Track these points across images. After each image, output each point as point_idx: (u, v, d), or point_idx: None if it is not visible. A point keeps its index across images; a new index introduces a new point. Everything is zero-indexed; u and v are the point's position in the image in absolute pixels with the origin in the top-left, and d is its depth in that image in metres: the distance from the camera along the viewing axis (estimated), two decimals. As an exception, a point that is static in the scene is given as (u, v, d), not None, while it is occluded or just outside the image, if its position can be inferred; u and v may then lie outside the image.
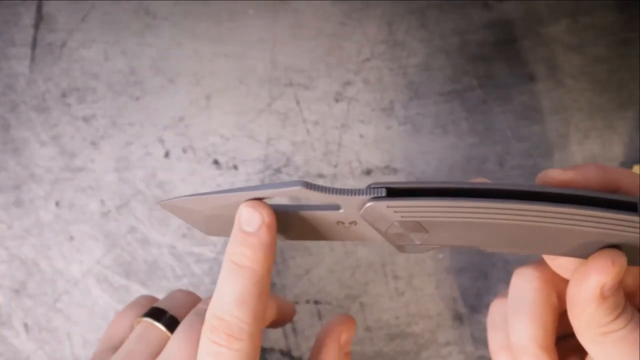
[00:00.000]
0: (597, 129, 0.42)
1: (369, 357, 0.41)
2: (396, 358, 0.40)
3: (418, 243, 0.26)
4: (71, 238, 0.41)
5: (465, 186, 0.24)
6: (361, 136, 0.42)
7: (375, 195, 0.24)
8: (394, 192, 0.24)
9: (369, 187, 0.25)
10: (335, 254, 0.41)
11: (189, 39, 0.43)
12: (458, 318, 0.40)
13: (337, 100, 0.43)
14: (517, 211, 0.24)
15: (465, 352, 0.40)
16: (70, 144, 0.42)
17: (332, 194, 0.25)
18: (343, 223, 0.26)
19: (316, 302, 0.41)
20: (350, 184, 0.42)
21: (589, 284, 0.24)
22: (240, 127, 0.42)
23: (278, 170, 0.42)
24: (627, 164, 0.41)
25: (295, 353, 0.41)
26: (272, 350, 0.41)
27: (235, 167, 0.42)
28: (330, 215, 0.26)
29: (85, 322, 0.40)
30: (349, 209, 0.25)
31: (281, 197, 0.29)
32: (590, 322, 0.25)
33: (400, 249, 0.27)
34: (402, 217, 0.24)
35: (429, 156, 0.42)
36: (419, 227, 0.25)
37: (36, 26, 0.43)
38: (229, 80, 0.43)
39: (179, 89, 0.43)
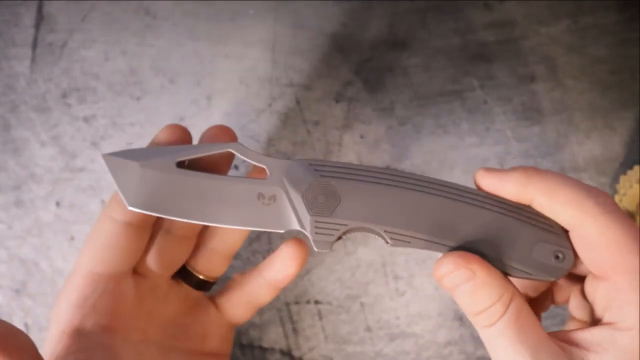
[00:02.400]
0: (598, 129, 0.42)
1: (370, 357, 0.41)
2: (397, 358, 0.40)
3: (328, 215, 0.28)
4: (71, 238, 0.41)
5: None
6: (362, 136, 0.42)
7: (300, 158, 0.29)
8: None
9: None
10: (335, 254, 0.41)
11: (190, 39, 0.43)
12: (458, 318, 0.40)
13: (337, 101, 0.43)
14: (421, 182, 0.27)
15: (465, 352, 0.40)
16: (71, 144, 0.42)
17: (263, 156, 0.29)
18: (263, 197, 0.28)
19: (316, 302, 0.41)
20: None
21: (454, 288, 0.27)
22: (241, 127, 0.42)
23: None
24: (627, 164, 0.41)
25: (295, 353, 0.41)
26: (272, 350, 0.41)
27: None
28: (253, 186, 0.28)
29: (85, 323, 0.40)
30: (275, 174, 0.28)
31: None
32: (474, 317, 0.27)
33: (315, 240, 0.28)
34: (320, 175, 0.28)
35: (429, 156, 0.42)
36: (334, 194, 0.28)
37: (36, 26, 0.43)
38: (229, 80, 0.43)
39: (179, 89, 0.43)
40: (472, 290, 0.26)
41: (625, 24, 0.42)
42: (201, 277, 0.34)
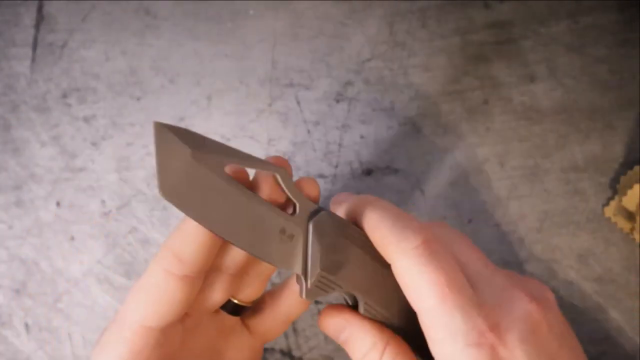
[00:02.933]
0: (598, 130, 0.42)
1: (370, 357, 0.41)
2: (397, 358, 0.40)
3: (333, 274, 0.28)
4: (72, 238, 0.41)
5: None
6: (362, 136, 0.42)
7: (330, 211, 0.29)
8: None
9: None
10: (335, 254, 0.41)
11: (190, 39, 0.43)
12: (458, 318, 0.40)
13: (337, 101, 0.43)
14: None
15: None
16: (71, 144, 0.42)
17: (299, 192, 0.29)
18: (284, 233, 0.28)
19: (317, 302, 0.41)
20: (351, 184, 0.42)
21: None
22: (241, 127, 0.42)
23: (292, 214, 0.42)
24: (627, 164, 0.41)
25: (295, 353, 0.41)
26: (272, 350, 0.41)
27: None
28: (280, 219, 0.28)
29: (85, 322, 0.40)
30: (303, 214, 0.28)
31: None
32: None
33: (309, 290, 0.29)
34: (344, 236, 0.29)
35: (429, 156, 0.42)
36: (345, 257, 0.28)
37: (37, 26, 0.43)
38: (229, 80, 0.43)
39: (179, 89, 0.43)
40: (347, 338, 0.29)
41: (625, 24, 0.43)
42: (237, 302, 0.33)
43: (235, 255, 0.30)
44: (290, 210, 0.29)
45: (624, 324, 0.40)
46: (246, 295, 0.33)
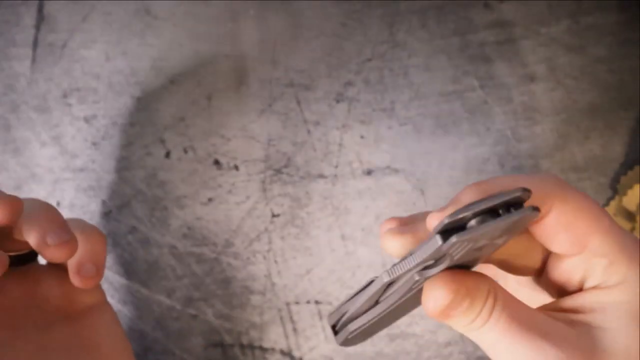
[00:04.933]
0: (598, 130, 0.42)
1: (370, 357, 0.41)
2: (397, 358, 0.40)
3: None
4: (72, 238, 0.41)
5: None
6: (362, 137, 0.42)
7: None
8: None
9: None
10: (335, 254, 0.41)
11: (190, 39, 0.43)
12: (458, 318, 0.40)
13: (337, 101, 0.43)
14: None
15: (466, 352, 0.40)
16: (71, 144, 0.42)
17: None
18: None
19: (317, 302, 0.41)
20: (351, 184, 0.42)
21: (429, 312, 0.25)
22: (241, 127, 0.42)
23: (279, 171, 0.42)
24: (628, 164, 0.41)
25: (295, 353, 0.41)
26: (272, 350, 0.41)
27: (236, 168, 0.42)
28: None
29: (86, 322, 0.40)
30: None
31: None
32: (456, 327, 0.26)
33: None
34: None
35: (429, 157, 0.42)
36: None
37: (37, 26, 0.43)
38: (229, 80, 0.43)
39: (179, 89, 0.43)
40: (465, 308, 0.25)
41: (625, 24, 0.42)
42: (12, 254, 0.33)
43: None
44: None
45: (624, 324, 0.40)
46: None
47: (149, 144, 0.42)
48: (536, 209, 0.24)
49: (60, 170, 0.42)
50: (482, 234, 0.24)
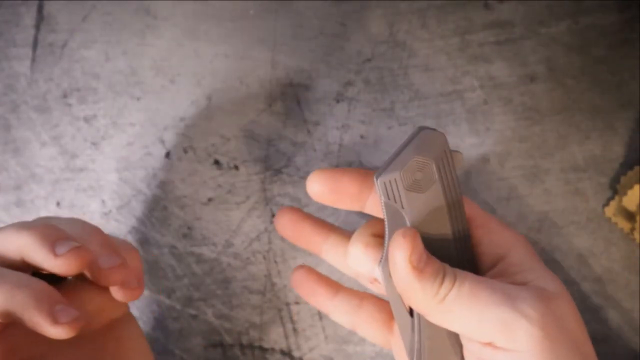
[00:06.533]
0: (598, 130, 0.42)
1: (370, 357, 0.41)
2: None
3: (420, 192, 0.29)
4: (72, 238, 0.41)
5: None
6: (362, 137, 0.42)
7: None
8: None
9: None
10: (335, 254, 0.41)
11: (190, 39, 0.43)
12: (458, 318, 0.40)
13: (337, 101, 0.43)
14: None
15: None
16: (71, 144, 0.42)
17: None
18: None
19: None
20: (351, 184, 0.42)
21: (399, 264, 0.27)
22: (241, 127, 0.42)
23: (279, 171, 0.42)
24: (627, 164, 0.41)
25: (295, 353, 0.41)
26: (272, 350, 0.41)
27: (236, 168, 0.42)
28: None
29: (85, 322, 0.40)
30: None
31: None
32: (424, 297, 0.27)
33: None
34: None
35: (429, 156, 0.42)
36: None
37: (37, 26, 0.43)
38: (229, 80, 0.43)
39: (179, 89, 0.43)
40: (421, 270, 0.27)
41: (625, 24, 0.42)
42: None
43: None
44: None
45: (624, 324, 0.40)
46: None
47: (149, 144, 0.42)
48: (428, 128, 0.29)
49: (60, 170, 0.42)
50: (395, 166, 0.28)
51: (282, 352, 0.41)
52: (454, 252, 0.29)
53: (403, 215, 0.29)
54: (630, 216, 0.40)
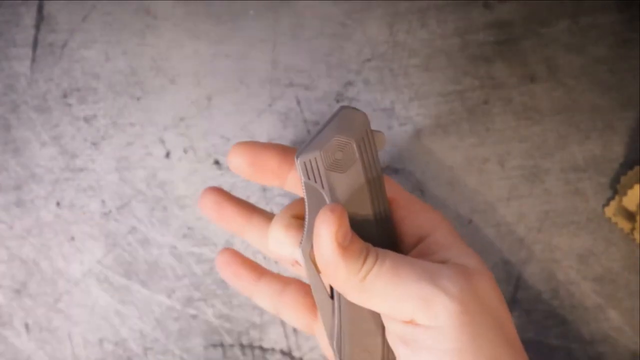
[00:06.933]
0: (598, 130, 0.42)
1: (370, 357, 0.41)
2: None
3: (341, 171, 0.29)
4: (72, 238, 0.41)
5: None
6: (362, 136, 0.42)
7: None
8: None
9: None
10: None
11: (190, 39, 0.43)
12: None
13: (337, 101, 0.43)
14: None
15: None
16: (71, 144, 0.42)
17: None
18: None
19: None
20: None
21: (324, 240, 0.26)
22: (241, 127, 0.42)
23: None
24: (627, 164, 0.41)
25: (295, 353, 0.41)
26: (272, 350, 0.41)
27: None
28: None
29: (85, 322, 0.40)
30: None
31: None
32: (347, 275, 0.27)
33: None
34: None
35: (429, 156, 0.42)
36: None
37: (37, 27, 0.43)
38: (229, 80, 0.43)
39: (179, 89, 0.43)
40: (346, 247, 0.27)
41: (625, 24, 0.42)
42: None
43: None
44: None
45: (623, 324, 0.40)
46: None
47: (149, 144, 0.42)
48: (349, 107, 0.29)
49: (60, 170, 0.42)
50: (315, 145, 0.28)
51: (282, 352, 0.41)
52: (376, 231, 0.29)
53: (323, 195, 0.29)
54: (630, 216, 0.40)
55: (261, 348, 0.41)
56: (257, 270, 0.34)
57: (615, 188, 0.41)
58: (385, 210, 0.29)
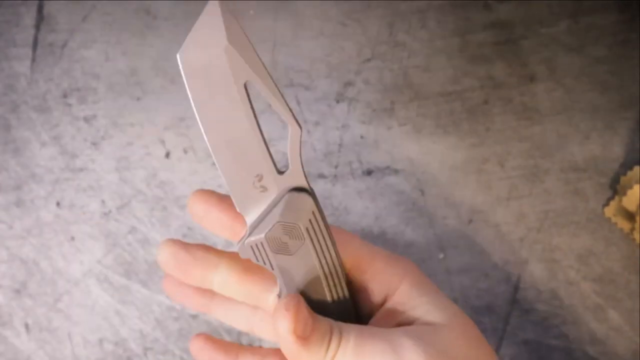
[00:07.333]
0: (598, 130, 0.42)
1: (370, 357, 0.41)
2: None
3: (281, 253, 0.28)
4: (72, 238, 0.41)
5: None
6: (362, 137, 0.42)
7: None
8: None
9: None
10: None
11: (190, 39, 0.43)
12: (458, 318, 0.40)
13: (337, 101, 0.43)
14: None
15: None
16: (71, 144, 0.42)
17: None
18: (260, 180, 0.29)
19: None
20: (351, 184, 0.42)
21: (283, 337, 0.26)
22: (241, 127, 0.42)
23: (279, 171, 0.42)
24: (627, 164, 0.41)
25: (295, 353, 0.41)
26: (272, 350, 0.41)
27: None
28: (265, 164, 0.29)
29: (85, 322, 0.40)
30: (290, 179, 0.29)
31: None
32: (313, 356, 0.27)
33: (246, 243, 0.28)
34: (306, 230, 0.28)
35: (429, 157, 0.42)
36: (291, 248, 0.28)
37: (37, 27, 0.43)
38: (229, 80, 0.43)
39: (179, 89, 0.43)
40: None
41: (625, 24, 0.43)
42: None
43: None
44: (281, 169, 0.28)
45: (624, 324, 0.40)
46: None
47: (149, 144, 0.42)
48: (296, 189, 0.28)
49: (60, 170, 0.42)
50: (260, 229, 0.27)
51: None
52: (335, 307, 0.29)
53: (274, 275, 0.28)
54: (630, 216, 0.40)
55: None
56: (233, 350, 0.34)
57: (615, 188, 0.41)
58: (341, 283, 0.29)
